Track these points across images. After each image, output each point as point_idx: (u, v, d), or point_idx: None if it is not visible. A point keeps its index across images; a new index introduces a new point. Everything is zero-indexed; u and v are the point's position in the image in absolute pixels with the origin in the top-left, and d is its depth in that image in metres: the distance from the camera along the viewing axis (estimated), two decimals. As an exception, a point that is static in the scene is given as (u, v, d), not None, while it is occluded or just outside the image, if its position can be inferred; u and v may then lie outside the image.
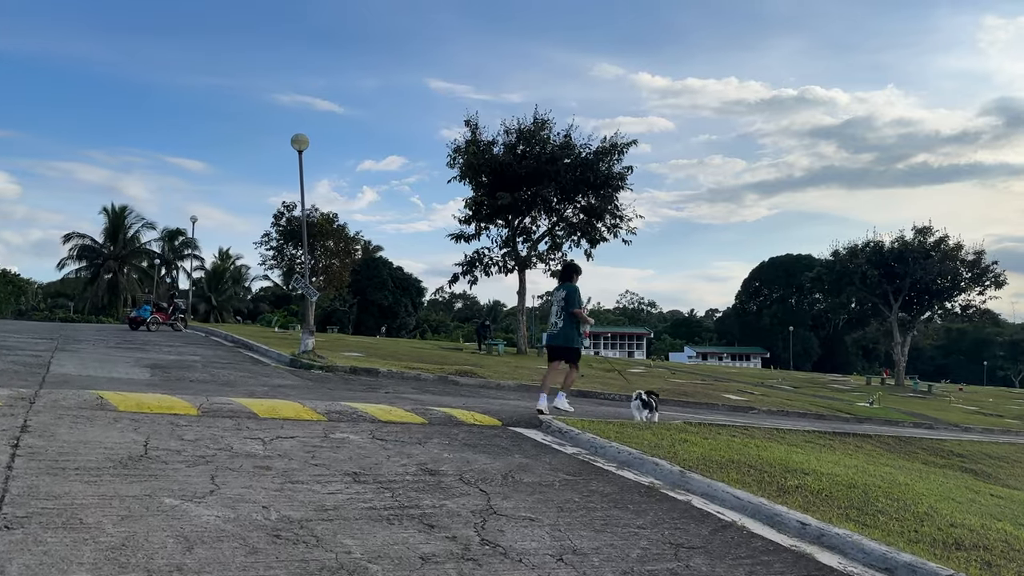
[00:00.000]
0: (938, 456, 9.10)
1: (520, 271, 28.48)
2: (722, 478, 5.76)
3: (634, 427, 7.89)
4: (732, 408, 17.85)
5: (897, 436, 9.80)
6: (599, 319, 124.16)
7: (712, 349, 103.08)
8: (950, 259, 33.13)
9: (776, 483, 5.86)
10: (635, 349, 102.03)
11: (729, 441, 7.71)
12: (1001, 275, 33.29)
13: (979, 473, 8.47)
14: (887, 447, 9.19)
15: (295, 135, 15.44)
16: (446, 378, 14.82)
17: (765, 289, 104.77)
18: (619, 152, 26.52)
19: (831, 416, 19.36)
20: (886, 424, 19.67)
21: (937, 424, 20.86)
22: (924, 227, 33.45)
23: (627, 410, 11.98)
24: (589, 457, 6.47)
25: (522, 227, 29.24)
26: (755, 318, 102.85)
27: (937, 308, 35.75)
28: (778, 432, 8.95)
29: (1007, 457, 9.50)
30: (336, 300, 65.60)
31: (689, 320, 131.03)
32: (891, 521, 5.17)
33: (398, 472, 5.20)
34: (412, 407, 8.05)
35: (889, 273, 33.57)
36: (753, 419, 14.77)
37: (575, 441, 7.07)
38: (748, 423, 11.30)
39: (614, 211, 27.24)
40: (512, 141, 27.64)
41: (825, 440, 8.99)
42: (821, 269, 37.34)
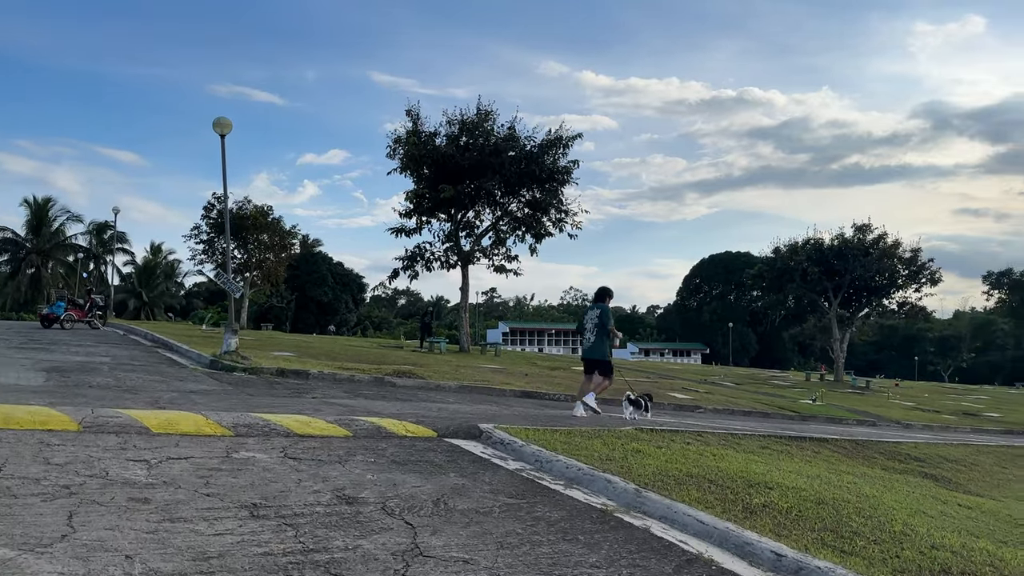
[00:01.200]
0: (896, 460, 8.70)
1: (463, 266, 27.66)
2: (682, 497, 5.12)
3: (582, 435, 7.23)
4: (679, 407, 17.45)
5: (854, 440, 9.39)
6: (544, 316, 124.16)
7: (654, 345, 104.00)
8: (888, 257, 33.63)
9: (741, 501, 5.25)
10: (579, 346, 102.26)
11: (684, 450, 7.11)
12: (936, 272, 34.02)
13: (939, 479, 8.08)
14: (845, 452, 8.75)
15: (217, 118, 14.34)
16: (382, 380, 13.97)
17: (705, 286, 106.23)
18: (564, 146, 25.93)
19: (776, 415, 19.16)
20: (830, 422, 19.58)
21: (880, 421, 20.90)
22: (863, 224, 33.94)
23: (572, 411, 11.33)
24: (534, 474, 5.76)
25: (465, 221, 28.43)
26: (696, 314, 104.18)
27: (875, 305, 36.31)
28: (733, 438, 8.42)
29: (964, 460, 9.17)
30: (273, 296, 63.62)
31: (632, 317, 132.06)
32: (870, 545, 4.60)
33: (308, 502, 4.39)
34: (336, 417, 7.22)
35: (829, 270, 33.91)
36: (701, 419, 14.33)
37: (519, 454, 6.36)
38: (699, 425, 10.79)
39: (559, 205, 26.64)
40: (455, 132, 26.78)
41: (781, 445, 8.49)
42: (762, 266, 37.58)
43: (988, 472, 8.76)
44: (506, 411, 10.39)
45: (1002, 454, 9.94)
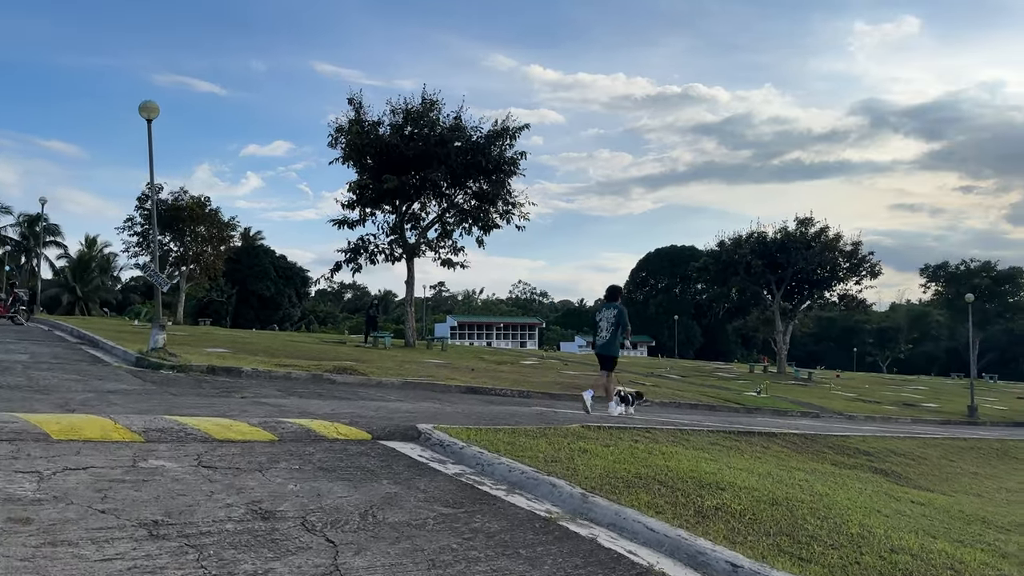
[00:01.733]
0: (846, 455, 8.59)
1: (408, 259, 27.08)
2: (631, 502, 4.80)
3: (527, 434, 6.87)
4: (626, 401, 17.27)
5: (802, 435, 9.26)
6: (493, 310, 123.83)
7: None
8: (830, 250, 34.20)
9: (692, 504, 4.96)
10: (527, 339, 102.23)
11: (632, 448, 6.81)
12: (876, 265, 34.74)
13: (889, 473, 7.98)
14: (794, 447, 8.60)
15: (143, 102, 13.52)
16: (321, 377, 13.41)
17: (651, 279, 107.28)
18: (511, 137, 25.54)
19: (722, 407, 19.18)
20: (775, 414, 19.70)
21: (823, 412, 21.14)
22: (806, 218, 34.49)
23: (521, 409, 11.01)
24: (474, 478, 5.37)
25: (411, 213, 27.85)
26: (642, 307, 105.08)
27: (817, 297, 36.93)
28: (682, 434, 8.17)
29: (911, 453, 9.12)
30: (212, 291, 61.82)
31: (579, 310, 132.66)
32: (828, 551, 4.34)
33: (218, 517, 3.92)
34: (262, 419, 6.71)
35: (772, 263, 34.33)
36: (647, 412, 14.15)
37: (458, 457, 5.96)
38: (647, 420, 10.56)
39: (506, 197, 26.26)
40: (399, 122, 26.16)
41: (731, 441, 8.29)
42: (708, 259, 37.88)
43: (936, 466, 8.71)
44: (449, 409, 9.99)
45: (948, 446, 9.95)
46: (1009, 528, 5.99)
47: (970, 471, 8.77)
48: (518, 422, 8.49)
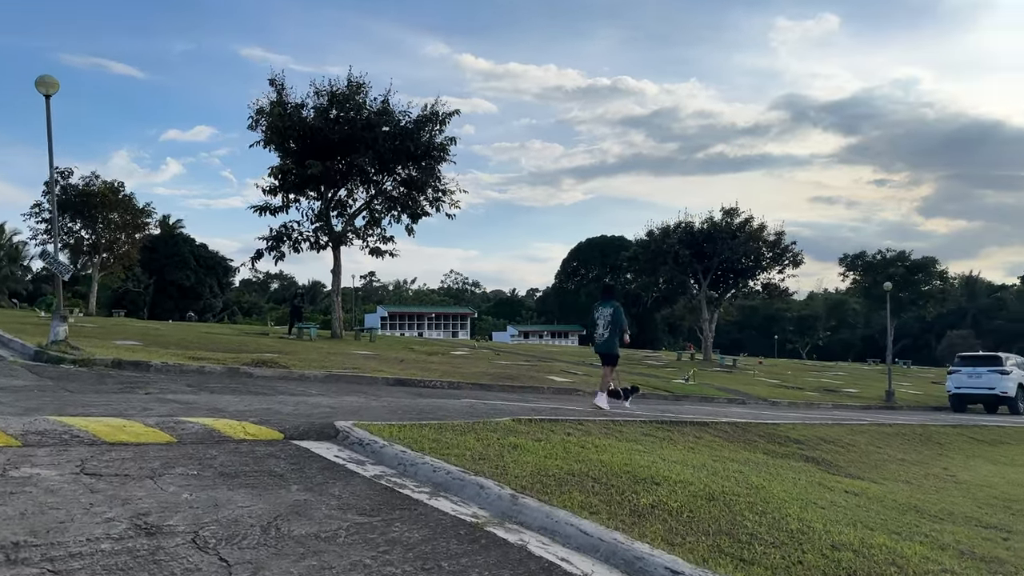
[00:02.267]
0: (777, 443, 8.51)
1: (335, 248, 26.24)
2: (563, 502, 4.48)
3: (455, 430, 6.48)
4: (557, 391, 17.08)
5: (734, 423, 9.16)
6: (424, 300, 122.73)
7: (533, 328, 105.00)
8: (754, 240, 34.89)
9: (628, 502, 4.68)
10: (459, 329, 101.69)
11: (565, 442, 6.51)
12: (799, 255, 35.66)
13: (820, 462, 7.92)
14: (726, 436, 8.47)
15: (40, 77, 12.48)
16: (237, 371, 12.70)
17: (582, 269, 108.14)
18: (441, 122, 24.97)
19: (651, 395, 19.19)
20: (703, 401, 19.85)
21: (748, 399, 21.44)
22: (731, 208, 35.05)
23: (450, 402, 10.63)
24: (395, 480, 4.96)
25: (337, 200, 27.00)
26: (573, 297, 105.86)
27: (742, 286, 37.67)
28: (614, 425, 7.93)
29: (840, 440, 9.13)
30: (129, 280, 59.12)
31: (512, 300, 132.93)
32: (769, 550, 4.11)
33: (94, 535, 3.40)
34: (161, 418, 6.12)
35: (699, 253, 34.81)
36: (579, 402, 13.96)
37: (379, 457, 5.53)
38: (578, 411, 10.31)
39: (436, 184, 25.70)
40: (324, 104, 25.25)
41: (663, 431, 8.09)
42: (637, 249, 38.17)
43: (864, 452, 8.73)
44: (374, 403, 9.51)
45: (875, 433, 10.03)
46: (941, 517, 5.93)
47: (897, 457, 8.82)
48: (446, 416, 8.11)
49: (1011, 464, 9.38)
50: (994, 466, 9.11)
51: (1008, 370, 24.40)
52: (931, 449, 9.83)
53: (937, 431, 11.20)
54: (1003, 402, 24.44)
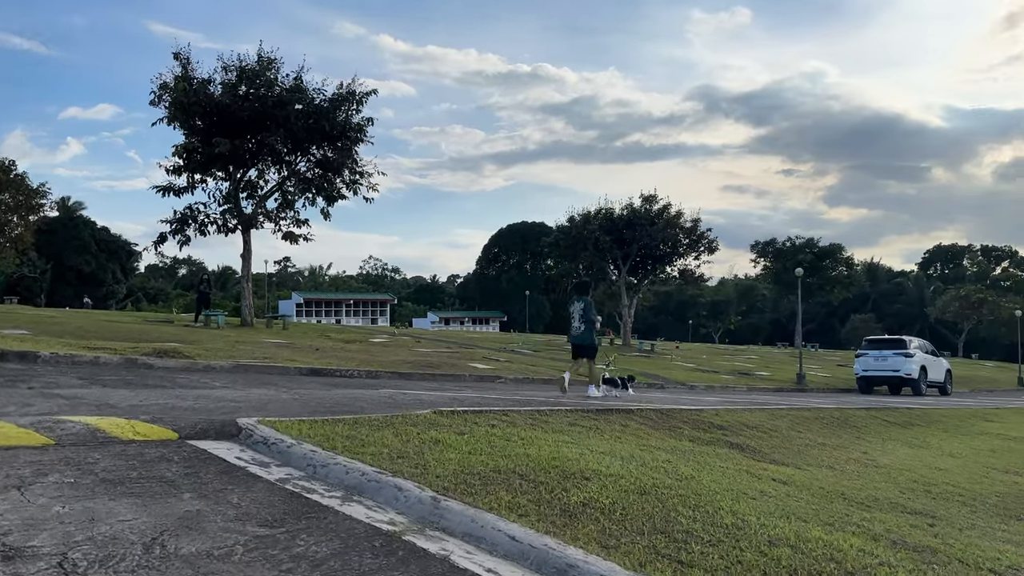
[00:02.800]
0: (701, 430, 8.42)
1: (245, 231, 25.08)
2: (490, 504, 4.13)
3: (371, 425, 6.05)
4: (479, 378, 16.77)
5: (658, 410, 9.04)
6: (341, 286, 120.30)
7: (455, 314, 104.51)
8: (672, 226, 35.40)
9: (558, 501, 4.37)
10: (379, 316, 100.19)
11: (489, 435, 6.17)
12: (714, 242, 36.42)
13: (745, 448, 7.86)
14: (651, 423, 8.32)
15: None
16: (136, 361, 11.85)
17: (504, 255, 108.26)
18: (357, 101, 24.11)
19: (574, 381, 19.12)
20: (624, 386, 19.93)
21: (667, 383, 21.67)
22: (650, 195, 35.47)
23: (368, 392, 10.16)
24: (304, 484, 4.50)
25: (247, 181, 25.79)
26: (494, 283, 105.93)
27: (659, 272, 38.23)
28: (540, 415, 7.65)
29: (762, 426, 9.13)
30: (23, 266, 55.50)
31: (432, 286, 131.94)
32: (707, 549, 3.89)
33: (-72, 568, 2.84)
34: (38, 417, 5.46)
35: (619, 239, 35.08)
36: (502, 390, 13.68)
37: (286, 457, 5.05)
38: (503, 400, 10.01)
39: (353, 166, 24.83)
40: (232, 80, 24.01)
41: (589, 420, 7.87)
42: (558, 235, 38.20)
43: (786, 438, 8.74)
44: (284, 395, 8.94)
45: (795, 417, 10.11)
46: (868, 504, 5.89)
47: (818, 442, 8.87)
48: (363, 409, 7.65)
49: (925, 447, 9.61)
50: (910, 449, 9.29)
51: (912, 353, 25.51)
52: (849, 433, 9.97)
53: (853, 414, 11.42)
54: (907, 384, 25.55)
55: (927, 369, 26.05)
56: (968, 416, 13.71)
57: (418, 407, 7.93)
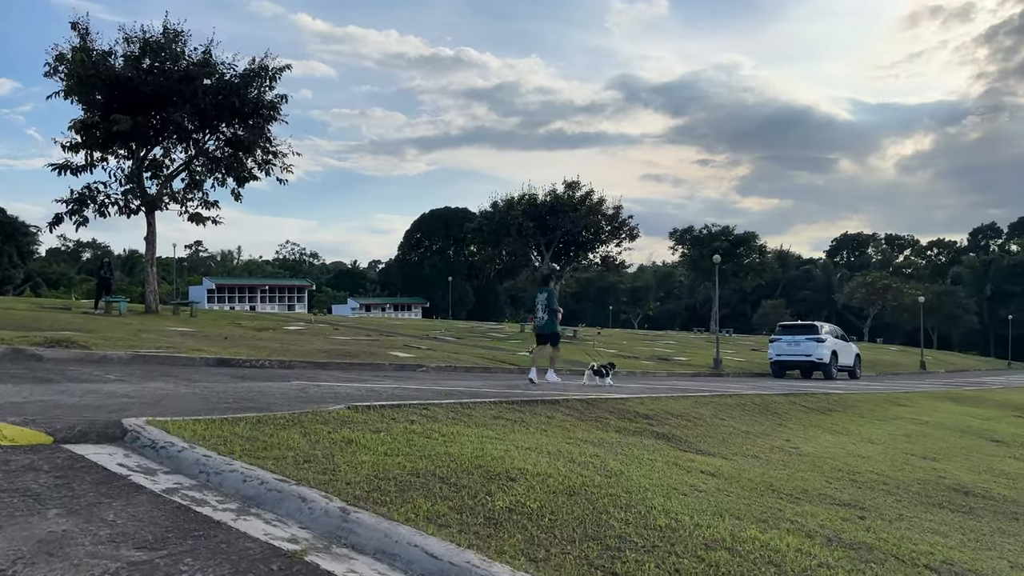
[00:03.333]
0: (627, 420, 8.22)
1: (148, 212, 23.65)
2: (407, 514, 3.73)
3: (276, 423, 5.54)
4: (400, 367, 16.25)
5: (584, 400, 8.78)
6: (256, 271, 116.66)
7: (375, 300, 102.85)
8: (594, 213, 35.49)
9: (482, 507, 4.01)
10: (296, 302, 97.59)
11: (408, 432, 5.75)
12: (635, 229, 36.72)
13: (671, 438, 7.69)
14: (578, 414, 8.06)
15: None
16: (23, 352, 10.86)
17: (426, 241, 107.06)
18: (271, 77, 22.98)
19: (497, 368, 18.84)
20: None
21: (586, 368, 21.62)
22: (573, 182, 35.42)
23: (278, 385, 9.56)
24: (194, 495, 3.98)
25: (152, 160, 24.31)
26: (416, 269, 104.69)
27: (582, 258, 38.34)
28: (463, 408, 7.27)
29: (687, 414, 9.01)
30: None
31: (352, 272, 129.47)
32: (643, 557, 3.60)
33: None
34: None
35: (543, 225, 34.96)
36: (423, 380, 13.24)
37: (176, 463, 4.50)
38: (424, 392, 9.58)
39: (266, 145, 23.70)
40: (136, 53, 22.51)
41: (514, 413, 7.54)
42: (482, 220, 37.78)
43: (711, 426, 8.64)
44: (184, 389, 8.27)
45: (718, 404, 10.05)
46: (798, 496, 5.76)
47: (742, 430, 8.81)
48: (270, 404, 7.10)
49: (845, 433, 9.70)
50: (831, 435, 9.35)
51: (824, 338, 26.31)
52: (770, 420, 9.98)
53: (773, 400, 11.49)
54: (818, 368, 26.36)
55: (838, 354, 26.93)
56: (882, 401, 14.08)
57: (331, 401, 7.43)
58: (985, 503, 6.60)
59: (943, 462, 8.39)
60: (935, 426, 11.47)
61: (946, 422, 12.04)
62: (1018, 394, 24.09)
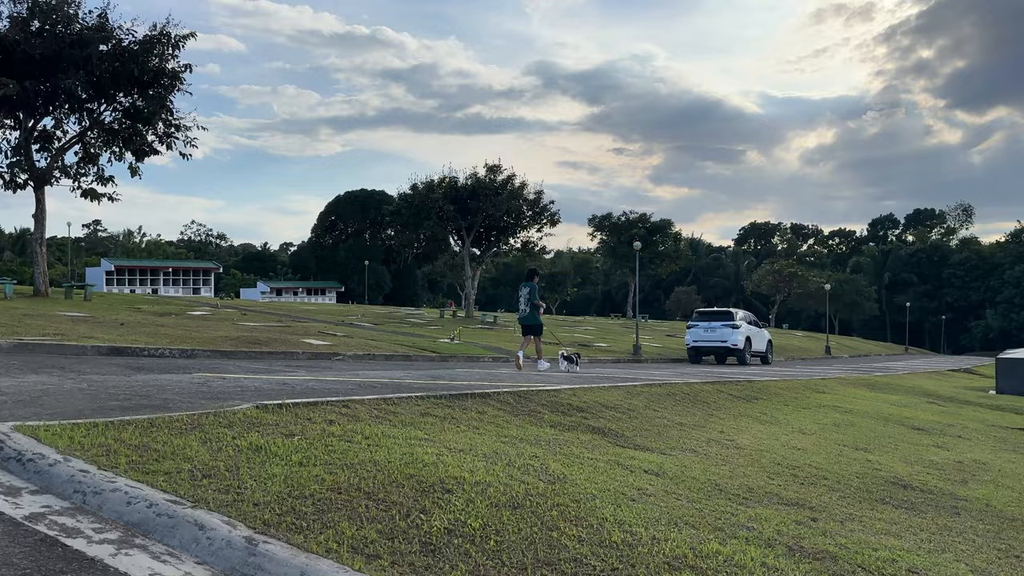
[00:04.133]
0: (561, 414, 7.80)
1: (37, 188, 21.77)
2: (327, 541, 3.15)
3: (172, 427, 4.82)
4: (314, 356, 15.43)
5: (515, 392, 8.31)
6: (159, 252, 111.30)
7: (287, 284, 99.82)
8: (516, 197, 35.06)
9: (416, 529, 3.47)
10: (202, 286, 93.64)
11: (325, 435, 5.13)
12: (556, 214, 36.49)
13: (607, 432, 7.32)
14: (510, 408, 7.58)
15: None
16: None
17: (341, 223, 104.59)
18: (173, 45, 21.42)
19: (418, 356, 18.22)
20: (469, 360, 19.26)
21: (510, 356, 21.24)
22: (495, 165, 34.82)
23: (178, 378, 8.72)
24: (66, 522, 3.27)
25: (42, 131, 22.39)
26: (331, 252, 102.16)
27: (503, 243, 37.89)
28: (387, 405, 6.67)
29: (620, 406, 8.67)
30: None
31: (262, 254, 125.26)
32: (604, 584, 3.14)
33: None
34: None
35: (464, 209, 34.28)
36: (340, 370, 12.53)
37: (46, 480, 3.76)
38: (341, 384, 8.91)
39: (168, 117, 22.13)
40: (23, 14, 20.60)
41: (443, 408, 6.99)
42: (400, 203, 36.75)
43: (645, 418, 8.33)
44: (70, 383, 7.35)
45: (649, 395, 9.78)
46: (745, 496, 5.46)
47: (676, 421, 8.54)
48: (167, 402, 6.32)
49: (775, 423, 9.58)
50: (762, 425, 9.20)
51: (739, 324, 26.75)
52: (700, 409, 9.78)
53: (701, 389, 11.32)
54: (733, 353, 26.82)
55: (751, 340, 27.48)
56: (801, 388, 14.21)
57: (238, 398, 6.69)
58: (924, 497, 6.49)
59: (876, 454, 8.33)
60: (859, 415, 11.56)
61: (868, 410, 12.18)
62: (924, 379, 25.13)
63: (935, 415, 12.95)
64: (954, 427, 11.71)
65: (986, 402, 16.94)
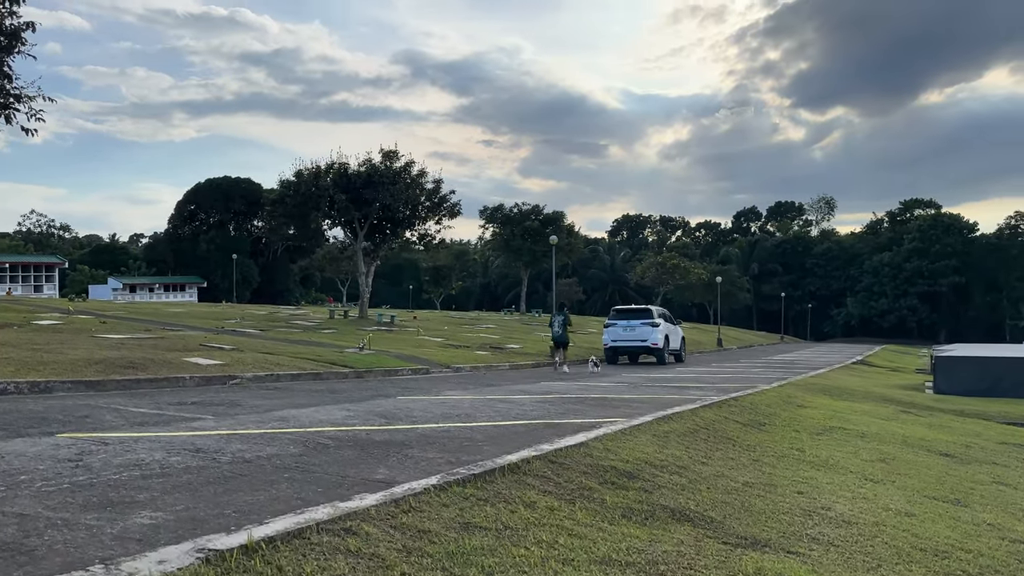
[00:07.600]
0: (614, 487, 5.64)
1: None
2: None
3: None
4: (206, 381, 12.44)
5: (544, 458, 6.02)
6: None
7: (142, 280, 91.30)
8: (415, 187, 32.37)
9: None
10: (45, 283, 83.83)
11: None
12: (456, 205, 34.02)
13: (693, 519, 5.27)
14: (555, 488, 5.25)
15: None
16: None
17: (202, 213, 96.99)
18: (11, 2, 17.28)
19: (328, 374, 15.42)
20: (388, 375, 16.64)
21: (431, 366, 18.78)
22: (391, 151, 31.86)
23: (25, 445, 5.82)
24: None
25: None
26: (191, 244, 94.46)
27: (400, 237, 35.07)
28: (403, 514, 4.22)
29: (667, 464, 6.59)
30: None
31: (112, 247, 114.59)
32: None
33: None
34: None
35: (357, 199, 31.17)
36: (251, 407, 9.78)
37: None
38: (270, 441, 6.27)
39: (6, 85, 17.97)
40: None
41: (479, 506, 4.61)
42: (283, 191, 33.01)
43: (705, 480, 6.33)
44: None
45: (673, 436, 7.79)
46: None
47: (741, 481, 6.59)
48: (10, 538, 3.55)
49: (826, 467, 7.66)
50: (818, 472, 7.31)
51: (658, 322, 25.47)
52: (736, 451, 7.85)
53: (704, 416, 9.41)
54: (653, 353, 25.56)
55: (669, 338, 26.33)
56: (782, 403, 12.60)
57: (142, 499, 3.98)
58: None
59: (974, 508, 6.68)
60: (875, 439, 10.03)
61: (878, 432, 10.68)
62: (853, 377, 24.72)
63: (936, 432, 11.72)
64: (972, 448, 10.46)
65: (948, 407, 16.17)
